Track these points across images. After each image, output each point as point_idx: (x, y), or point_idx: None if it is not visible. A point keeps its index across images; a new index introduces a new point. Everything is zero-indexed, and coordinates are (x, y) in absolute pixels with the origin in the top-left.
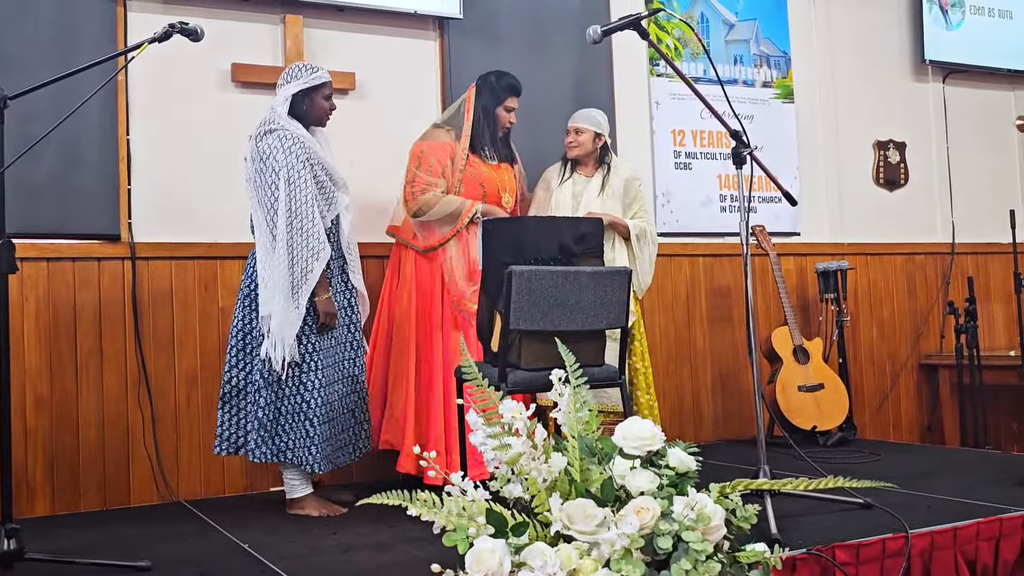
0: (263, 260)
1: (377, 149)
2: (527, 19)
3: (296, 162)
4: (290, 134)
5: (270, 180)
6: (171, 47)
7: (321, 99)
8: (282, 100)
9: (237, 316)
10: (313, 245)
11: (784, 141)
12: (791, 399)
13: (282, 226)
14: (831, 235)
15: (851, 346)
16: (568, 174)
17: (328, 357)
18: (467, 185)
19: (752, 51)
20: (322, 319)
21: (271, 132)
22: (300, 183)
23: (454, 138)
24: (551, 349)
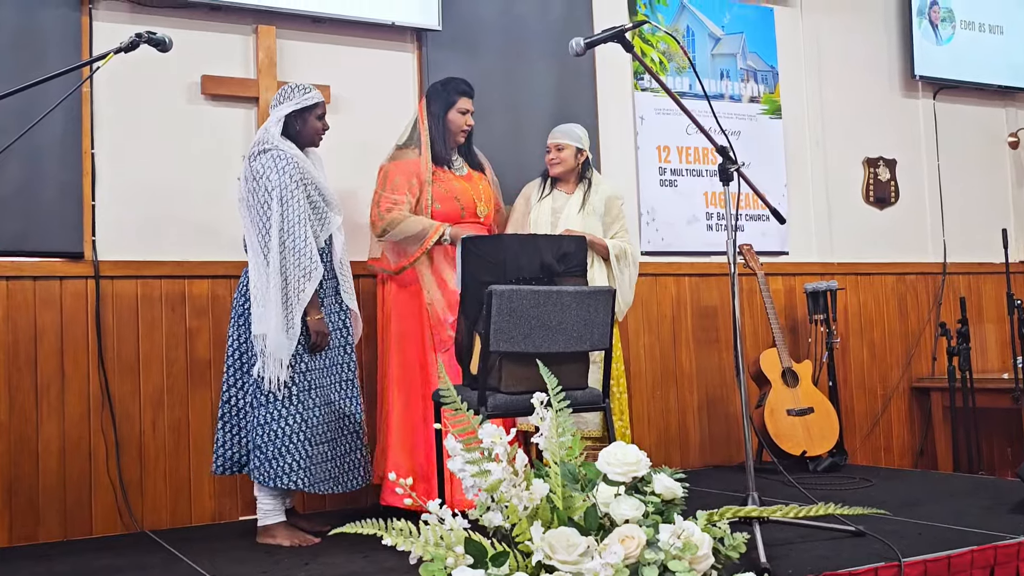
0: (256, 279)
1: (353, 164)
2: (507, 31)
3: (289, 182)
4: (284, 154)
5: (263, 199)
6: (138, 57)
7: (314, 119)
8: (275, 121)
9: (232, 335)
10: (305, 264)
11: (772, 158)
12: (780, 423)
13: (275, 245)
14: (820, 254)
15: (841, 368)
16: (548, 190)
17: (323, 378)
18: (441, 201)
19: (739, 65)
20: (314, 339)
21: (265, 152)
22: (293, 203)
23: (418, 155)
24: (533, 372)
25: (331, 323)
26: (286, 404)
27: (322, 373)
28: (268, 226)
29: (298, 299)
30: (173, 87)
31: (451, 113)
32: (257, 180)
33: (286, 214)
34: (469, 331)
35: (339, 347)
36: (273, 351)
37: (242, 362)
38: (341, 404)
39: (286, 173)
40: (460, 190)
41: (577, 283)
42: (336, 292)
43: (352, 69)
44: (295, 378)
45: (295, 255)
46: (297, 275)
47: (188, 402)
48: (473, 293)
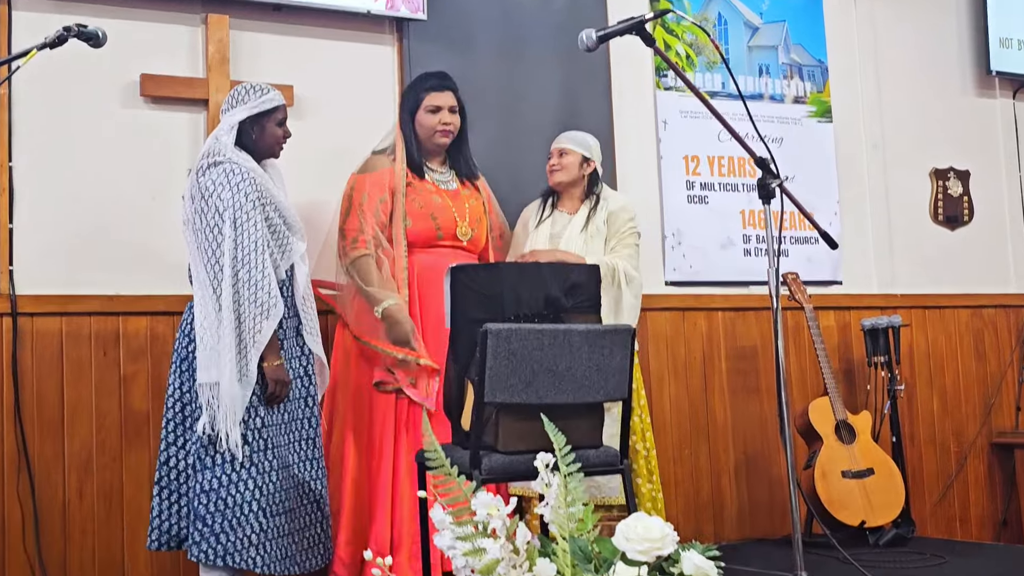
0: (202, 316)
1: (319, 178)
2: (505, 22)
3: (245, 200)
4: (238, 167)
5: (213, 222)
6: (66, 54)
7: (273, 126)
8: (227, 128)
9: (173, 384)
10: (263, 300)
11: (821, 169)
12: (833, 488)
13: (227, 277)
14: (880, 284)
15: (906, 421)
16: (547, 212)
17: (280, 435)
18: (415, 218)
19: (781, 59)
20: (271, 388)
21: (215, 165)
22: (249, 226)
23: (392, 163)
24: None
25: (291, 370)
26: (237, 467)
27: (279, 430)
28: (219, 253)
29: (254, 341)
30: (107, 88)
31: (419, 113)
32: (206, 199)
33: (240, 239)
34: (459, 378)
35: (299, 399)
36: (224, 403)
37: (184, 415)
38: (300, 468)
39: (241, 190)
40: (439, 206)
41: (588, 320)
42: (297, 333)
43: (320, 66)
44: (249, 436)
45: (251, 288)
46: (253, 312)
47: (122, 464)
48: (464, 333)
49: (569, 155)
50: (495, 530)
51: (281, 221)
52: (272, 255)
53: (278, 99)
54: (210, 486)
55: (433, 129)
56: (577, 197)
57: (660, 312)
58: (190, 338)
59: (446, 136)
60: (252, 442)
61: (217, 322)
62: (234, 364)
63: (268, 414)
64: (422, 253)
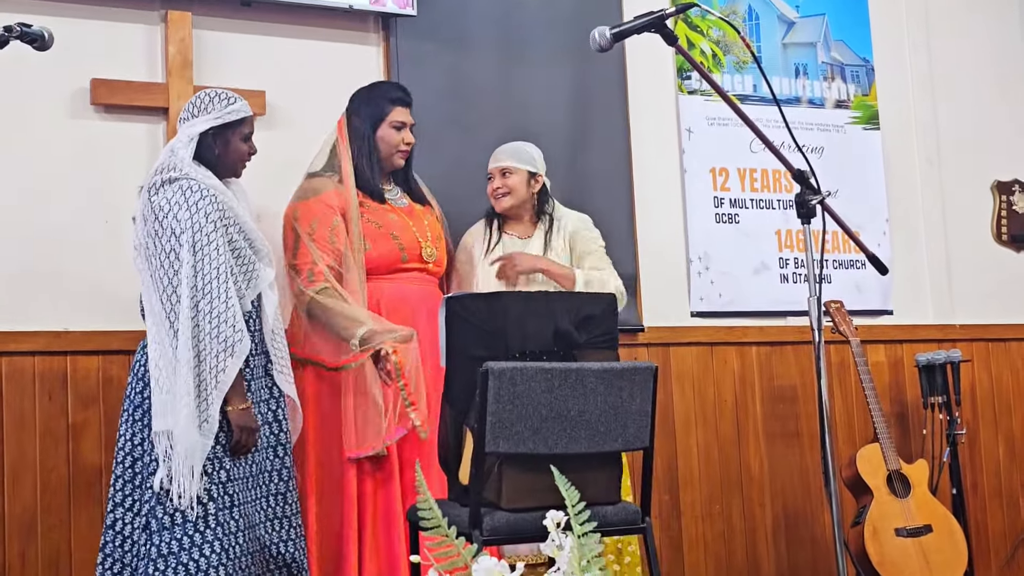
0: (157, 355)
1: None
2: (505, 17)
3: (206, 222)
4: (198, 184)
5: (168, 246)
6: (6, 58)
7: (238, 140)
8: (186, 140)
9: (123, 434)
10: (226, 335)
11: (868, 183)
12: (886, 547)
13: (185, 308)
14: (936, 314)
15: (969, 471)
16: (496, 237)
17: (248, 490)
18: (374, 240)
19: (820, 58)
20: (236, 436)
21: (171, 182)
22: (210, 249)
23: (337, 184)
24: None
25: (259, 415)
26: (201, 528)
27: (245, 484)
28: (176, 282)
29: (216, 382)
30: (53, 96)
31: (382, 129)
32: (160, 220)
33: (200, 265)
34: (457, 425)
35: (268, 448)
36: (182, 454)
37: (135, 471)
38: (267, 528)
39: (200, 210)
40: (399, 225)
41: (604, 358)
42: (266, 373)
43: (295, 69)
44: (214, 491)
45: (213, 321)
46: (215, 349)
47: (70, 526)
48: (462, 373)
49: (514, 174)
50: None
51: (247, 245)
52: (237, 284)
53: (245, 110)
54: (168, 549)
55: (395, 148)
56: (527, 219)
57: (685, 347)
58: (144, 382)
59: (404, 157)
60: (217, 498)
61: (174, 361)
62: (192, 409)
63: (234, 466)
64: (384, 281)
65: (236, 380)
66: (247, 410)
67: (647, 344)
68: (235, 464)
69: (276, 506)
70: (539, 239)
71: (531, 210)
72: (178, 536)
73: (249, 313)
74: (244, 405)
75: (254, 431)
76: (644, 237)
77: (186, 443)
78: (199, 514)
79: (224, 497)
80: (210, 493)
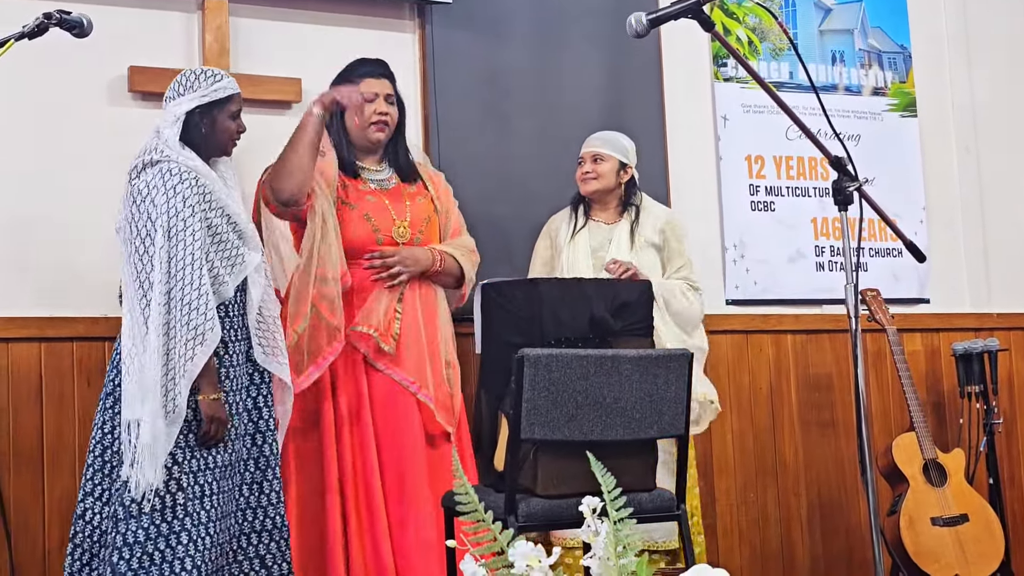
0: (130, 343)
1: None
2: (540, 4)
3: (183, 207)
4: (178, 167)
5: (144, 231)
6: (46, 46)
7: (226, 119)
8: (171, 120)
9: (97, 423)
10: (197, 324)
11: (905, 171)
12: (922, 537)
13: (157, 295)
14: (973, 303)
15: (1006, 461)
16: (582, 222)
17: (222, 479)
18: (350, 224)
19: (858, 45)
20: (206, 427)
21: (152, 164)
22: (185, 235)
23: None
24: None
25: (238, 403)
26: (169, 518)
27: (221, 473)
28: (149, 268)
29: (184, 371)
30: (91, 83)
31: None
32: (137, 203)
33: (175, 251)
34: (492, 412)
35: (246, 436)
36: (151, 445)
37: (104, 460)
38: (240, 518)
39: (178, 194)
40: (375, 207)
41: (640, 345)
42: (248, 359)
43: (330, 56)
44: (184, 480)
45: (184, 309)
46: (185, 337)
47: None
48: (498, 360)
49: (606, 161)
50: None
51: (230, 229)
52: (216, 270)
53: (232, 87)
54: (135, 538)
55: (367, 121)
56: (614, 207)
57: (720, 335)
58: (118, 370)
59: (381, 130)
60: (187, 488)
61: (143, 348)
62: (159, 398)
63: (208, 455)
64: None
65: (208, 369)
66: (217, 400)
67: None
68: (209, 453)
69: (251, 495)
70: (625, 227)
71: (618, 198)
72: (144, 525)
73: (230, 301)
74: (215, 395)
75: (224, 422)
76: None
77: (150, 432)
78: (168, 504)
79: (194, 487)
80: (179, 483)
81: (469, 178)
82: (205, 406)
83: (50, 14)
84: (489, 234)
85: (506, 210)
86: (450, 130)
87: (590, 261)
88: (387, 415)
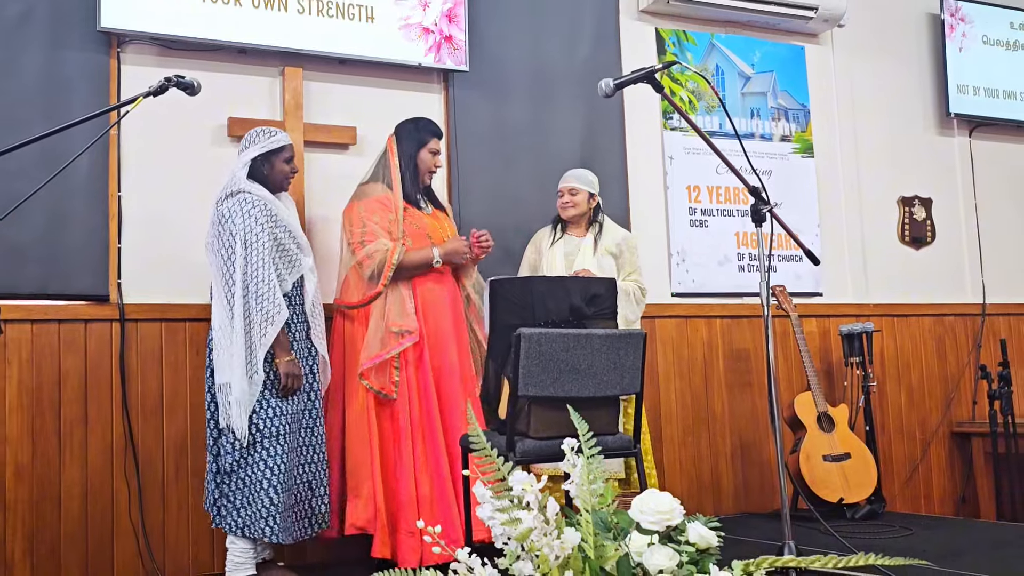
0: (218, 327)
1: None
2: (535, 72)
3: (255, 224)
4: (250, 196)
5: (228, 243)
6: (165, 99)
7: (281, 163)
8: (242, 165)
9: (208, 384)
10: (268, 308)
11: (804, 197)
12: (816, 469)
13: (238, 290)
14: (855, 295)
15: (878, 413)
16: (559, 234)
17: (292, 423)
18: (413, 238)
19: (769, 104)
20: (284, 381)
21: (232, 195)
22: (258, 245)
23: (386, 190)
24: (562, 416)
25: (303, 366)
26: (251, 452)
27: (289, 419)
28: (232, 270)
29: (260, 343)
30: (199, 129)
31: (422, 152)
32: (223, 224)
33: (250, 257)
34: (497, 375)
35: (304, 394)
36: (240, 400)
37: (213, 410)
38: (299, 453)
39: (251, 216)
40: (430, 227)
41: (607, 326)
42: (307, 336)
43: (378, 110)
44: (261, 424)
45: (259, 299)
46: (260, 319)
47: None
48: (501, 336)
49: (579, 193)
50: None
51: (290, 240)
52: (278, 270)
53: (284, 140)
54: (230, 468)
55: (428, 168)
56: (583, 224)
57: (667, 319)
58: (211, 347)
59: (432, 176)
60: (263, 428)
61: (230, 329)
62: (243, 364)
63: (281, 405)
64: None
65: (283, 339)
66: (293, 360)
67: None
68: (280, 404)
69: (305, 436)
70: (591, 239)
71: (587, 219)
72: (236, 458)
73: (291, 292)
74: (289, 357)
75: (299, 377)
76: (637, 237)
77: (239, 389)
78: (251, 441)
79: (270, 427)
80: (258, 426)
81: (481, 201)
82: (283, 366)
83: (170, 78)
84: (497, 243)
85: (508, 225)
86: (467, 166)
87: (563, 262)
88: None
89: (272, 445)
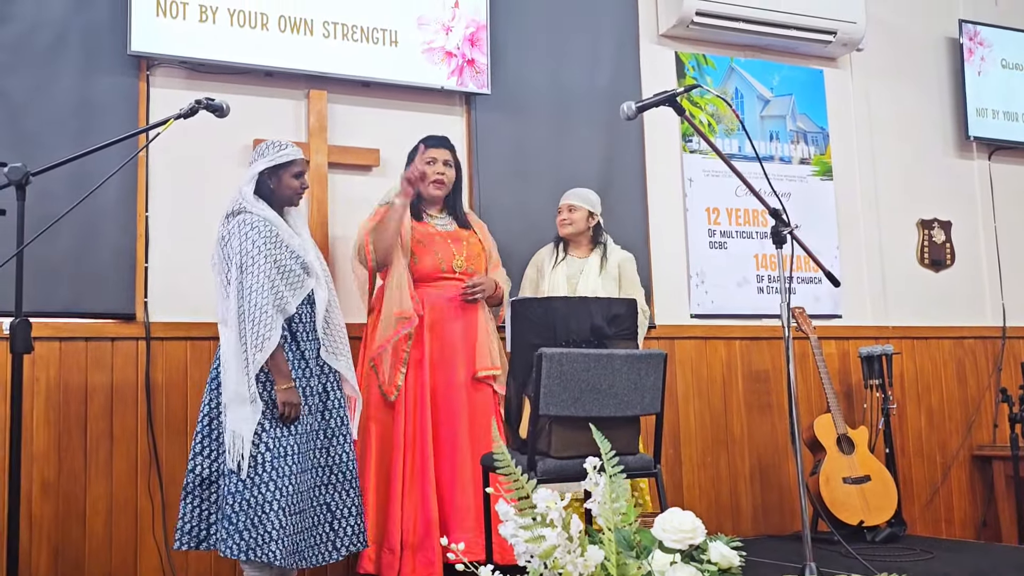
0: (225, 345)
1: None
2: (556, 95)
3: (251, 247)
4: (252, 218)
5: (226, 266)
6: (193, 121)
7: (290, 178)
8: (248, 179)
9: (205, 400)
10: (260, 334)
11: (823, 220)
12: (836, 492)
13: (233, 313)
14: (874, 318)
15: (898, 435)
16: (561, 255)
17: (299, 444)
18: (422, 254)
19: (788, 127)
20: (281, 410)
21: (234, 215)
22: (254, 269)
23: None
24: (583, 436)
25: (310, 388)
26: (260, 472)
27: (300, 439)
28: (229, 292)
29: (247, 371)
30: (226, 151)
31: (416, 162)
32: (223, 246)
33: (245, 281)
34: (518, 394)
35: (316, 413)
36: (235, 424)
37: (211, 428)
38: (312, 475)
39: (248, 239)
40: (440, 244)
41: (628, 346)
42: (317, 356)
43: (402, 132)
44: (271, 443)
45: (252, 324)
46: (251, 344)
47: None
48: (522, 355)
49: (577, 211)
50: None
51: (293, 261)
52: (280, 293)
53: (295, 154)
54: (236, 488)
55: (428, 179)
56: (585, 245)
57: (686, 340)
58: (219, 361)
59: (439, 187)
60: (273, 448)
61: (228, 350)
62: (236, 389)
63: (283, 429)
64: (430, 287)
65: (282, 366)
66: (290, 389)
67: (658, 337)
68: (284, 427)
69: (322, 457)
70: (595, 260)
71: (588, 239)
72: (242, 478)
73: (301, 311)
74: (286, 385)
75: (296, 405)
76: (656, 258)
77: (235, 415)
78: (259, 461)
79: (279, 448)
80: (267, 445)
81: (502, 221)
82: (280, 394)
83: (200, 100)
84: (515, 262)
85: (528, 246)
86: (489, 186)
87: (564, 283)
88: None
89: (280, 466)
